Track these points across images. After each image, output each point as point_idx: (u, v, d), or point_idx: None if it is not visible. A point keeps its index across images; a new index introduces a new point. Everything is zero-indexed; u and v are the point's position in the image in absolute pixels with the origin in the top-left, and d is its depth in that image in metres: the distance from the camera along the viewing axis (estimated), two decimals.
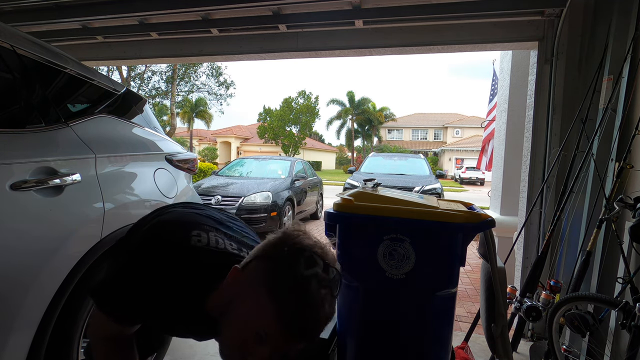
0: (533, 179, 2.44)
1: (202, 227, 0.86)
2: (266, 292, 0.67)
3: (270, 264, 0.70)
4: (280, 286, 0.66)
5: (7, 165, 1.11)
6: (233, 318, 0.72)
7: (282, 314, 0.65)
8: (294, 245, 0.70)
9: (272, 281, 0.67)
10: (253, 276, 0.70)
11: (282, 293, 0.66)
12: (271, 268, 0.69)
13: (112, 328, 0.84)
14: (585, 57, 2.22)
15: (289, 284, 0.66)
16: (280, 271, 0.68)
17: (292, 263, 0.67)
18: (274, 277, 0.68)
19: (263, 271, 0.69)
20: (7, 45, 1.24)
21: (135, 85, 17.76)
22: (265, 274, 0.69)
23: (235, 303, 0.71)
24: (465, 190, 18.53)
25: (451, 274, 1.30)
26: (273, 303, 0.66)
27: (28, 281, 1.11)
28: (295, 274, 0.66)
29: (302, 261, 0.68)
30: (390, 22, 2.56)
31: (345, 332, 1.46)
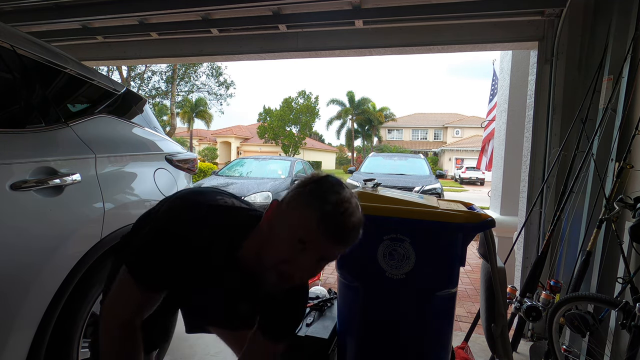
0: (533, 179, 2.44)
1: (222, 194, 0.97)
2: (307, 204, 0.77)
3: (309, 186, 0.80)
4: (320, 198, 0.77)
5: (7, 165, 1.11)
6: (275, 238, 0.80)
7: (323, 219, 0.75)
8: (322, 176, 0.83)
9: (312, 196, 0.78)
10: (294, 200, 0.80)
11: (322, 202, 0.76)
12: (310, 189, 0.79)
13: (137, 300, 0.86)
14: (585, 57, 2.22)
15: (327, 196, 0.77)
16: (318, 188, 0.79)
17: (327, 184, 0.80)
18: (313, 193, 0.78)
19: (302, 193, 0.80)
20: (7, 45, 1.24)
21: (135, 85, 17.76)
22: (305, 194, 0.79)
23: (277, 226, 0.80)
24: (465, 190, 18.52)
25: (451, 274, 1.30)
26: (315, 211, 0.76)
27: (28, 281, 1.11)
28: (331, 189, 0.79)
29: (334, 184, 0.80)
30: (390, 22, 2.56)
31: (345, 332, 1.46)
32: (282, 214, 0.81)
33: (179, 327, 2.11)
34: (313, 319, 1.69)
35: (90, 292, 1.32)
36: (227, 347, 1.35)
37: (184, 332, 1.26)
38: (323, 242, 0.77)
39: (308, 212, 0.76)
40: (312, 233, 0.76)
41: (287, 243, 0.78)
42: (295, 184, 0.85)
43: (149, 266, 0.84)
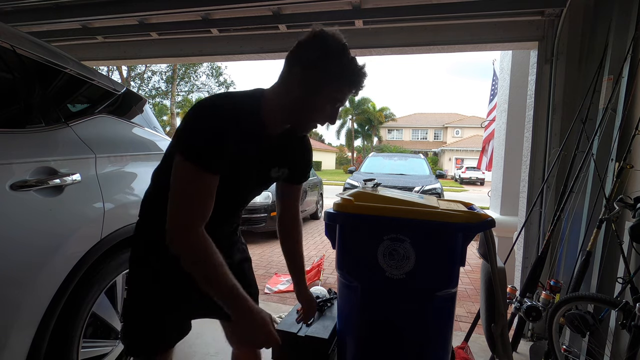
0: (533, 179, 2.44)
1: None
2: (320, 72, 0.91)
3: (314, 53, 0.92)
4: (327, 62, 0.91)
5: (7, 165, 1.11)
6: (298, 99, 0.93)
7: (338, 76, 0.92)
8: (319, 35, 0.93)
9: (321, 63, 0.91)
10: (305, 71, 0.92)
11: (330, 65, 0.91)
12: (316, 56, 0.91)
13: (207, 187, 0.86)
14: (585, 57, 2.22)
15: (332, 57, 0.91)
16: (323, 53, 0.91)
17: (327, 42, 0.92)
18: (320, 59, 0.91)
19: (310, 60, 0.92)
20: (7, 45, 1.24)
21: (135, 85, 17.78)
22: (313, 61, 0.92)
23: (297, 90, 0.93)
24: (465, 190, 18.53)
25: (451, 274, 1.30)
26: (326, 78, 0.91)
27: (28, 281, 1.11)
28: (332, 46, 0.92)
29: (331, 38, 0.93)
30: (390, 22, 2.56)
31: (345, 332, 1.46)
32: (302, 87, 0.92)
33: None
34: (313, 319, 1.69)
35: (90, 292, 1.32)
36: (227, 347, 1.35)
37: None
38: (347, 93, 0.95)
39: (317, 72, 0.90)
40: (338, 91, 0.94)
41: (312, 101, 0.93)
42: (300, 47, 0.96)
43: (205, 143, 0.84)
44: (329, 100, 0.94)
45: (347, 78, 0.93)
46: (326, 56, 0.91)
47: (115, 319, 1.46)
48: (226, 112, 0.88)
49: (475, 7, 2.31)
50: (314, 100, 0.92)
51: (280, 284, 3.25)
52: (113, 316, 1.45)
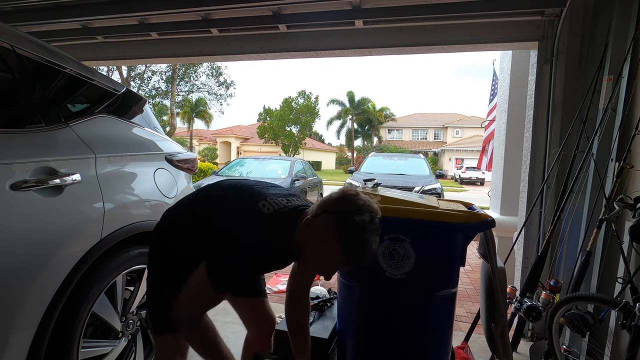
0: (533, 179, 2.44)
1: (258, 197, 1.15)
2: (334, 236, 1.01)
3: (336, 216, 1.02)
4: (344, 233, 1.00)
5: (7, 165, 1.11)
6: (311, 252, 1.08)
7: (346, 250, 1.01)
8: (350, 202, 1.03)
9: (338, 229, 1.01)
10: (323, 224, 1.03)
11: (345, 237, 1.00)
12: (337, 219, 1.01)
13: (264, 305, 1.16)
14: (585, 57, 2.22)
15: (350, 232, 1.00)
16: (343, 221, 1.01)
17: (350, 215, 1.00)
18: (339, 226, 1.00)
19: (330, 221, 1.02)
20: (7, 45, 1.24)
21: (135, 85, 17.77)
22: (332, 224, 1.02)
23: (311, 243, 1.06)
24: (465, 190, 18.52)
25: (451, 274, 1.30)
26: (340, 244, 1.01)
27: (28, 281, 1.11)
28: (353, 223, 1.00)
29: (356, 214, 1.00)
30: (390, 22, 2.56)
31: (345, 332, 1.46)
32: (314, 236, 1.05)
33: None
34: (313, 319, 1.69)
35: (90, 292, 1.32)
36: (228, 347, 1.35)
37: None
38: (345, 262, 1.04)
39: (335, 244, 1.01)
40: (338, 258, 1.03)
41: (318, 257, 1.07)
42: (325, 200, 1.08)
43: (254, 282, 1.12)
44: (330, 256, 1.05)
45: (349, 250, 1.02)
46: (343, 224, 1.01)
47: (116, 319, 1.46)
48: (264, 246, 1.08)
49: (475, 7, 2.31)
50: (317, 250, 1.07)
51: (280, 284, 3.25)
52: (113, 316, 1.45)
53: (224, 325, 2.28)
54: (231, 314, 2.37)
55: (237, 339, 2.08)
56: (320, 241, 1.04)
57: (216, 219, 1.16)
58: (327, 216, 1.03)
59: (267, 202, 1.13)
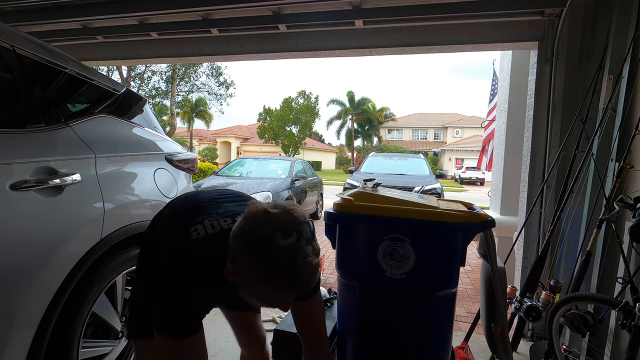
0: (533, 179, 2.44)
1: (195, 220, 0.97)
2: (262, 281, 0.82)
3: (251, 258, 0.82)
4: (270, 274, 0.81)
5: (7, 165, 1.11)
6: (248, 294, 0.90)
7: (283, 287, 0.83)
8: (258, 230, 0.82)
9: (261, 269, 0.81)
10: (244, 271, 0.84)
11: (272, 275, 0.81)
12: (254, 262, 0.82)
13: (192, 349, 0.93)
14: (585, 57, 2.22)
15: (276, 270, 0.80)
16: (262, 262, 0.81)
17: (266, 249, 0.80)
18: (262, 269, 0.81)
19: (248, 266, 0.83)
20: (7, 45, 1.24)
21: (135, 85, 17.77)
22: (252, 268, 0.83)
23: (242, 286, 0.88)
24: (465, 190, 18.52)
25: (451, 274, 1.30)
26: (272, 285, 0.82)
27: (28, 281, 1.11)
28: (275, 259, 0.80)
29: (272, 244, 0.80)
30: (390, 22, 2.56)
31: (345, 332, 1.46)
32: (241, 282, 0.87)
33: None
34: None
35: (90, 292, 1.32)
36: (227, 347, 1.35)
37: None
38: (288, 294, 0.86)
39: (267, 287, 0.83)
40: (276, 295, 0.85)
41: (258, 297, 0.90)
42: (235, 239, 0.85)
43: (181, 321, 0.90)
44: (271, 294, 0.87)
45: (288, 285, 0.83)
46: (265, 263, 0.81)
47: (116, 319, 1.46)
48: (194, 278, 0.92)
49: (475, 7, 2.31)
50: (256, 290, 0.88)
51: None
52: (113, 316, 1.45)
53: (223, 325, 2.28)
54: None
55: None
56: (251, 286, 0.87)
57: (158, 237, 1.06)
58: (241, 262, 0.84)
59: (203, 225, 0.96)
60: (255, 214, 0.84)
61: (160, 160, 1.84)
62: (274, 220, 0.82)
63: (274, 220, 0.82)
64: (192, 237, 0.93)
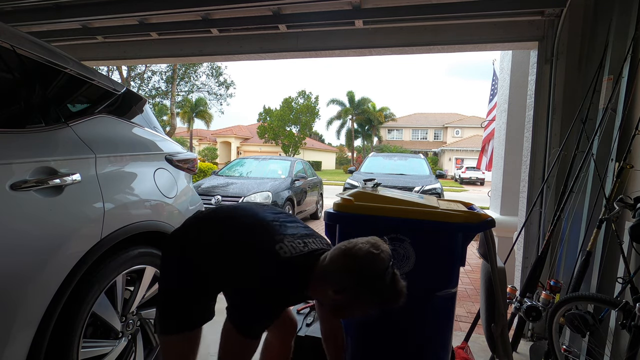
0: (533, 179, 2.44)
1: (276, 239, 1.12)
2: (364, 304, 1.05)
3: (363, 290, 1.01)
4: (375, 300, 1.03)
5: (7, 165, 1.11)
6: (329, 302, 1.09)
7: (379, 305, 1.05)
8: (371, 271, 1.00)
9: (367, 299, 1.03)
10: (351, 297, 1.03)
11: (376, 302, 1.04)
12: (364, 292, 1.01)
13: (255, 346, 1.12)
14: (585, 57, 2.22)
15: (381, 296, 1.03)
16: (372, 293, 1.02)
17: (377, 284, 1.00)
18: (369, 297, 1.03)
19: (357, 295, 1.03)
20: (7, 45, 1.24)
21: (135, 85, 17.77)
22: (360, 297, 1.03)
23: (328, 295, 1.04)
24: (465, 190, 18.52)
25: (451, 274, 1.30)
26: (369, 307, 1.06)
27: (28, 281, 1.11)
28: (383, 289, 1.01)
29: (382, 281, 1.00)
30: (390, 22, 2.56)
31: (345, 332, 1.46)
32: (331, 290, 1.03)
33: None
34: (313, 319, 1.69)
35: (90, 292, 1.32)
36: None
37: None
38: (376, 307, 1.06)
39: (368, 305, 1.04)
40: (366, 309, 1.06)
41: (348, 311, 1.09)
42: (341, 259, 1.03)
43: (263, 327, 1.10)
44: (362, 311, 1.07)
45: (380, 302, 1.04)
46: (358, 284, 1.00)
47: (116, 319, 1.46)
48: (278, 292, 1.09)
49: (475, 7, 2.31)
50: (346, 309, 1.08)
51: None
52: (113, 316, 1.45)
53: None
54: None
55: None
56: (341, 296, 1.03)
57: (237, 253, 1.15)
58: (349, 293, 1.02)
59: (285, 245, 1.10)
60: (360, 252, 1.01)
61: (160, 160, 1.84)
62: (378, 261, 1.00)
63: (378, 261, 1.00)
64: (280, 254, 1.06)
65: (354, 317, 1.11)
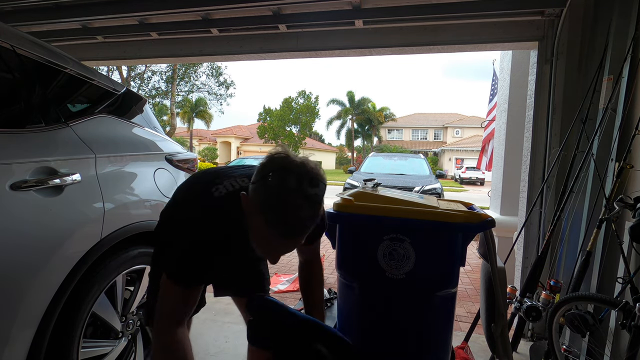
0: (533, 179, 2.44)
1: (214, 181, 1.05)
2: (258, 210, 0.87)
3: (257, 187, 0.88)
4: (265, 203, 0.86)
5: (7, 165, 1.11)
6: (250, 233, 0.95)
7: (270, 223, 0.86)
8: (276, 169, 0.87)
9: (260, 202, 0.87)
10: (250, 198, 0.90)
11: (267, 207, 0.86)
12: (258, 190, 0.87)
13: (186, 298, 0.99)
14: (585, 57, 2.22)
15: (272, 200, 0.85)
16: (264, 192, 0.86)
17: (274, 181, 0.86)
18: (260, 198, 0.87)
19: (254, 194, 0.89)
20: (7, 45, 1.24)
21: (135, 85, 17.78)
22: (255, 196, 0.88)
23: (248, 222, 0.93)
24: (465, 190, 18.52)
25: (451, 274, 1.30)
26: (263, 216, 0.86)
27: (28, 281, 1.11)
28: (275, 192, 0.85)
29: (282, 181, 0.85)
30: (390, 22, 2.56)
31: (345, 332, 1.46)
32: (248, 212, 0.92)
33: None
34: None
35: (90, 292, 1.32)
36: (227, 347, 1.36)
37: None
38: (278, 238, 0.89)
39: (261, 218, 0.87)
40: (267, 233, 0.88)
41: (255, 237, 0.94)
42: (258, 170, 0.91)
43: (187, 271, 0.97)
44: (265, 238, 0.92)
45: (282, 231, 0.87)
46: (270, 197, 0.86)
47: (116, 319, 1.46)
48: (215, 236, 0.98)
49: (475, 7, 2.31)
50: (256, 231, 0.93)
51: (280, 284, 3.25)
52: (113, 316, 1.45)
53: (223, 325, 2.29)
54: (231, 314, 2.38)
55: (237, 339, 2.08)
56: (250, 218, 0.91)
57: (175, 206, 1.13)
58: (252, 187, 0.89)
59: (223, 185, 1.02)
60: (278, 154, 0.90)
61: (160, 160, 1.84)
62: (292, 162, 0.88)
63: (292, 162, 0.88)
64: (214, 195, 1.00)
65: (269, 250, 0.94)
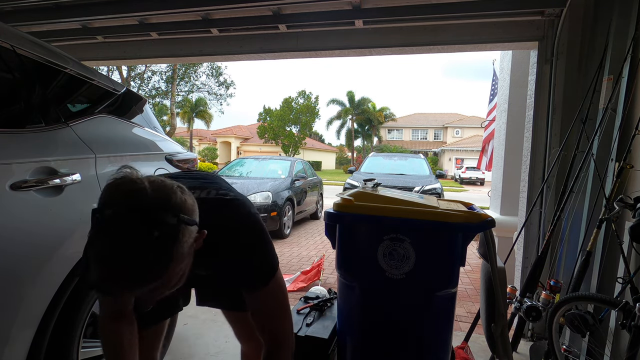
0: (533, 179, 2.44)
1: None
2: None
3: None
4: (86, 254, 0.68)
5: (7, 165, 1.11)
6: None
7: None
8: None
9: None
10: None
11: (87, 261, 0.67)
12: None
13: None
14: (585, 57, 2.22)
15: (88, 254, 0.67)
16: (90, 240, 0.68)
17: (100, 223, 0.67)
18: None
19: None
20: (7, 45, 1.24)
21: (135, 85, 17.78)
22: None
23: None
24: (465, 190, 18.53)
25: (451, 274, 1.30)
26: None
27: (28, 281, 1.11)
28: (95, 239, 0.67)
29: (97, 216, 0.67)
30: (390, 22, 2.56)
31: (345, 332, 1.46)
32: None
33: (179, 330, 2.10)
34: (313, 319, 1.69)
35: (90, 292, 1.32)
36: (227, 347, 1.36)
37: (183, 332, 1.27)
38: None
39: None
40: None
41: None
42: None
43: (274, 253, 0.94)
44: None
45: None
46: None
47: None
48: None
49: (475, 7, 2.31)
50: None
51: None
52: None
53: (224, 325, 2.28)
54: None
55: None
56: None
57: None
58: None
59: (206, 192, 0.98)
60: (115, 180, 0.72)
61: (160, 160, 1.84)
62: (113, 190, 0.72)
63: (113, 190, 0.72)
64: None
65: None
